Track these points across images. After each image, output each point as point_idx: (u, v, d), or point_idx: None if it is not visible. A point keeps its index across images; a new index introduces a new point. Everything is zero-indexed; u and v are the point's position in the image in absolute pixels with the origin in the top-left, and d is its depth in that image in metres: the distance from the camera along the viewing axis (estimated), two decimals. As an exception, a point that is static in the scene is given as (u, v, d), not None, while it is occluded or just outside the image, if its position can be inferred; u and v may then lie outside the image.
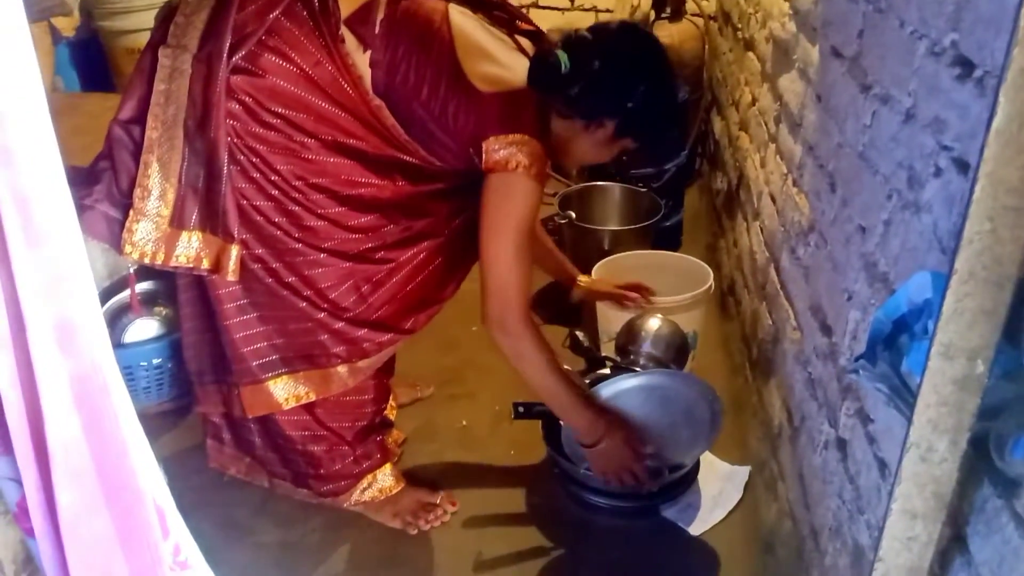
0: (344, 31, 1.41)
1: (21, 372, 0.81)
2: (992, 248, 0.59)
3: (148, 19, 3.38)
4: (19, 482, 0.91)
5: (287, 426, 1.61)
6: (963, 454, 0.66)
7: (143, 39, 3.40)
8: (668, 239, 2.73)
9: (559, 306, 2.58)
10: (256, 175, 1.41)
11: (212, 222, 1.39)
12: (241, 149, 1.39)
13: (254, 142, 1.39)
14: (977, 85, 0.79)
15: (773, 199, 1.80)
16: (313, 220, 1.45)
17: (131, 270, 1.83)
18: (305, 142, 1.42)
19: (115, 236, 1.39)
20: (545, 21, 3.48)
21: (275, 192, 1.42)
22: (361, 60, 1.42)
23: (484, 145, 1.39)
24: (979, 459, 0.70)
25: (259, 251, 1.45)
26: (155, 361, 1.86)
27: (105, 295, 1.93)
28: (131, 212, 1.37)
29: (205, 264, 1.40)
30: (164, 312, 1.98)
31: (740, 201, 2.25)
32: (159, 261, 1.38)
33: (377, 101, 1.42)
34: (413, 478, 1.78)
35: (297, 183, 1.43)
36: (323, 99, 1.41)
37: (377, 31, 1.42)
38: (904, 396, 0.73)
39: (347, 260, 1.49)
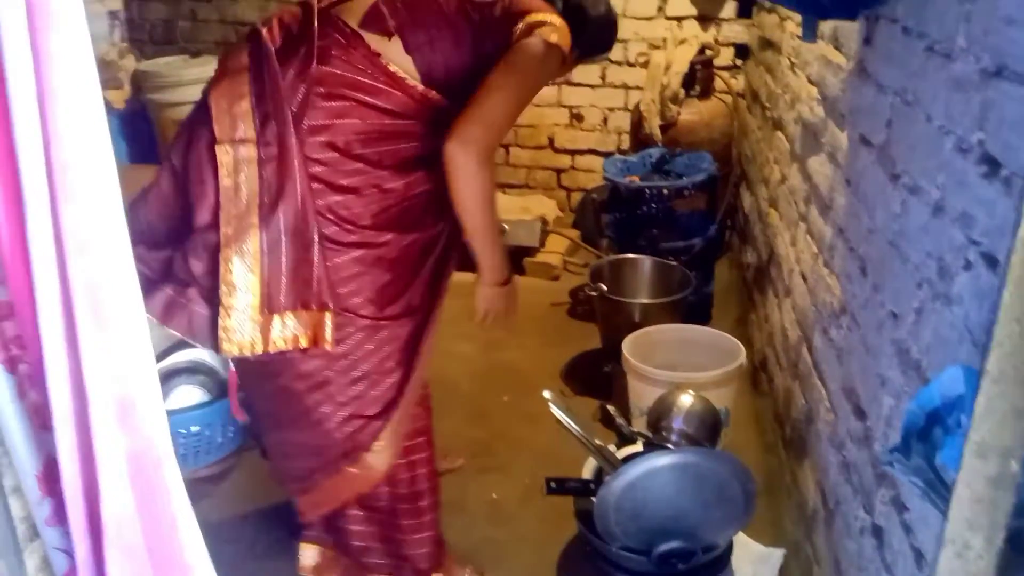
0: (366, 36, 1.45)
1: (80, 447, 0.84)
2: (1022, 349, 0.61)
3: (195, 92, 3.55)
4: (69, 554, 0.94)
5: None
6: (999, 551, 0.67)
7: (188, 111, 3.59)
8: (699, 312, 2.74)
9: (590, 378, 2.59)
10: (339, 232, 1.43)
11: (304, 297, 1.39)
12: (325, 212, 1.41)
13: (338, 195, 1.42)
14: (1004, 184, 0.81)
15: (804, 278, 1.82)
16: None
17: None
18: (382, 174, 1.45)
19: (206, 333, 1.40)
20: (577, 97, 3.58)
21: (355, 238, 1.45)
22: (396, 54, 1.45)
23: (518, 25, 1.48)
24: (1016, 555, 0.71)
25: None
26: (194, 429, 1.90)
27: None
28: (220, 310, 1.37)
29: (303, 342, 1.40)
30: (204, 379, 2.03)
31: (771, 277, 2.27)
32: (258, 350, 1.38)
33: (422, 88, 1.46)
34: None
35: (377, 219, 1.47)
36: (387, 116, 1.45)
37: (394, 21, 1.46)
38: (939, 489, 0.74)
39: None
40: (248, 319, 1.37)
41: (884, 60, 1.31)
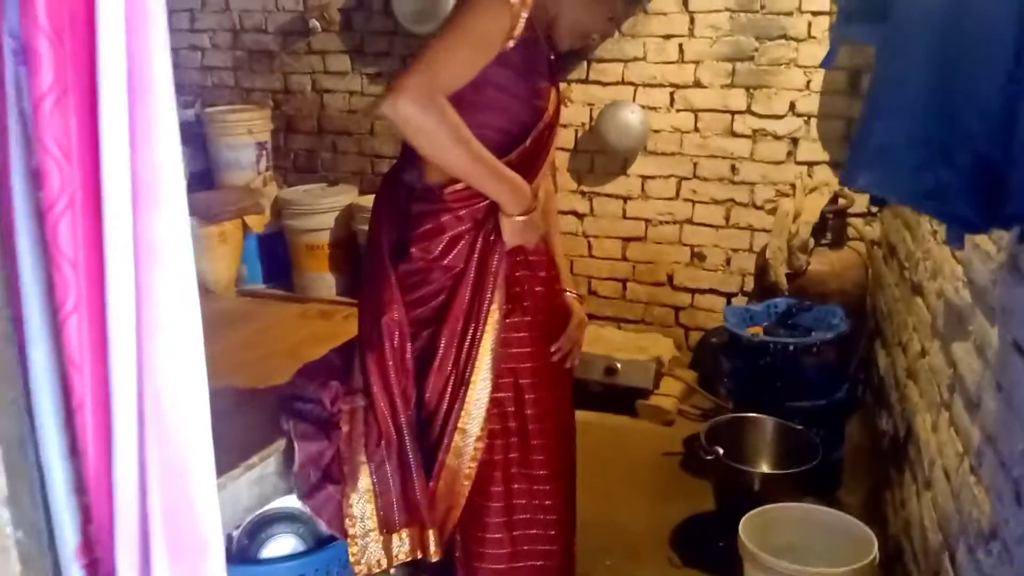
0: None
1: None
2: None
3: (328, 220, 3.74)
4: None
5: None
6: None
7: (323, 237, 3.75)
8: (826, 479, 2.53)
9: (703, 549, 2.41)
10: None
11: (413, 515, 1.61)
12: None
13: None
14: None
15: (947, 476, 1.63)
16: None
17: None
18: None
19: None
20: (700, 236, 3.50)
21: None
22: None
23: None
24: None
25: None
26: (288, 581, 1.86)
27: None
28: (348, 540, 1.61)
29: (419, 555, 1.63)
30: (302, 528, 2.00)
31: (909, 458, 2.06)
32: (385, 566, 1.63)
33: None
34: None
35: None
36: None
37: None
38: None
39: None
40: (372, 542, 1.61)
41: (1042, 265, 1.18)
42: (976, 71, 0.99)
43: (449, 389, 1.62)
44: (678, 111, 3.45)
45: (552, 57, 1.69)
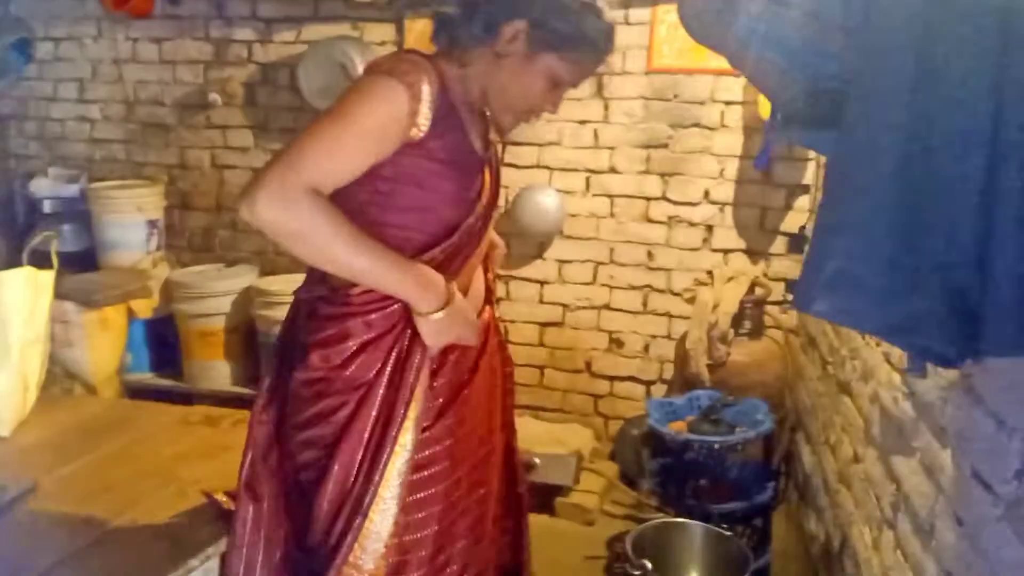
0: None
1: None
2: None
3: (223, 304, 3.47)
4: None
5: None
6: None
7: (217, 323, 3.47)
8: (755, 585, 2.40)
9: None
10: None
11: None
12: None
13: None
14: None
15: (896, 604, 1.51)
16: None
17: None
18: None
19: None
20: (618, 322, 3.41)
21: None
22: None
23: None
24: None
25: None
26: None
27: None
28: None
29: None
30: None
31: (845, 571, 1.95)
32: None
33: None
34: None
35: None
36: None
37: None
38: None
39: None
40: None
41: (1005, 391, 1.08)
42: (944, 188, 0.89)
43: (340, 521, 1.40)
44: (594, 196, 3.39)
45: (490, 136, 1.54)
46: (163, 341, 3.62)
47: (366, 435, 1.38)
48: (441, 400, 1.47)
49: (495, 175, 1.55)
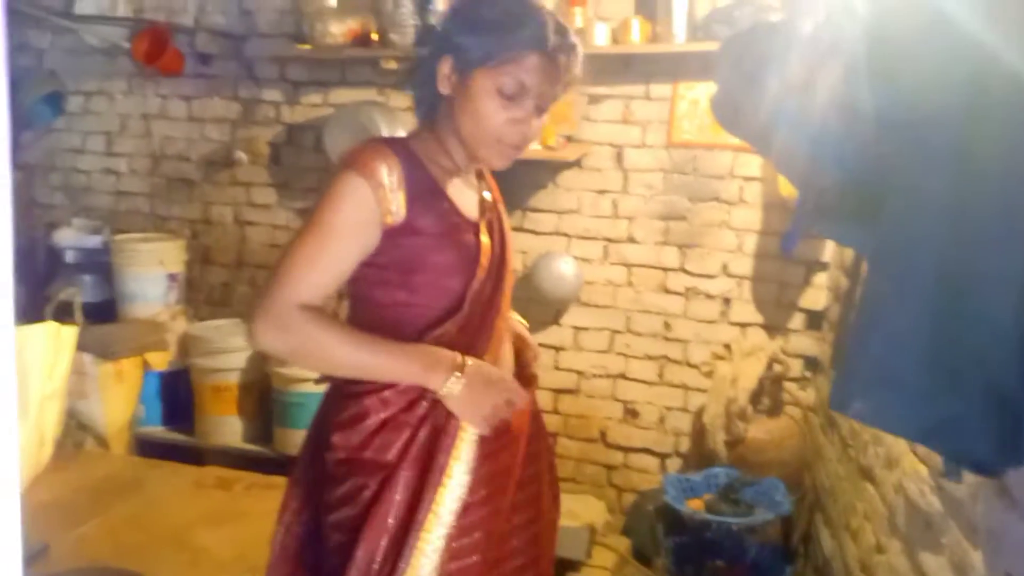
0: None
1: None
2: None
3: (239, 360, 3.47)
4: None
5: None
6: None
7: (232, 378, 3.47)
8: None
9: None
10: None
11: None
12: None
13: None
14: None
15: None
16: None
17: None
18: None
19: None
20: (633, 392, 3.39)
21: None
22: None
23: None
24: None
25: None
26: None
27: None
28: None
29: None
30: None
31: (868, 666, 1.89)
32: None
33: None
34: None
35: None
36: None
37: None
38: None
39: None
40: None
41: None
42: (985, 287, 0.89)
43: None
44: (612, 264, 3.40)
45: (488, 197, 1.52)
46: (176, 394, 3.61)
47: (389, 520, 1.35)
48: (484, 491, 1.42)
49: (499, 236, 1.51)
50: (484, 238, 1.46)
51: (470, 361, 1.38)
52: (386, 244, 1.35)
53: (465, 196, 1.47)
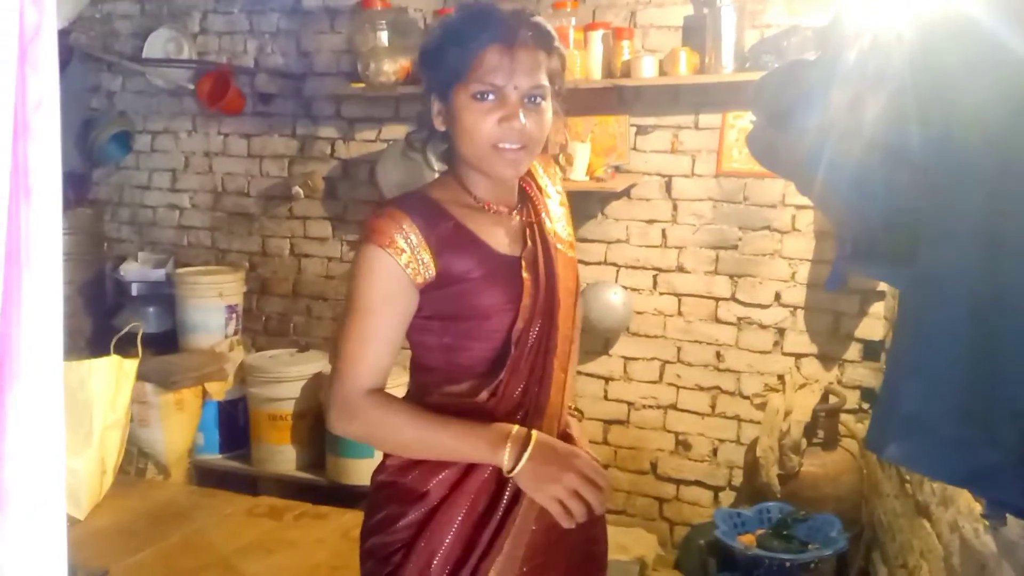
0: None
1: None
2: None
3: (294, 389, 3.55)
4: None
5: None
6: None
7: (287, 407, 3.55)
8: None
9: None
10: None
11: None
12: None
13: None
14: None
15: None
16: None
17: None
18: None
19: None
20: (684, 424, 3.35)
21: None
22: None
23: None
24: None
25: None
26: None
27: None
28: None
29: None
30: None
31: None
32: None
33: None
34: None
35: None
36: None
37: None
38: None
39: None
40: None
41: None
42: (1018, 336, 0.87)
43: None
44: (661, 294, 3.38)
45: (520, 217, 1.46)
46: (233, 423, 3.69)
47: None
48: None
49: (545, 269, 1.43)
50: (525, 272, 1.40)
51: (537, 435, 1.32)
52: (425, 300, 1.36)
53: (498, 233, 1.42)
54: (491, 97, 1.32)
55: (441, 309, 1.37)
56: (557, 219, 1.52)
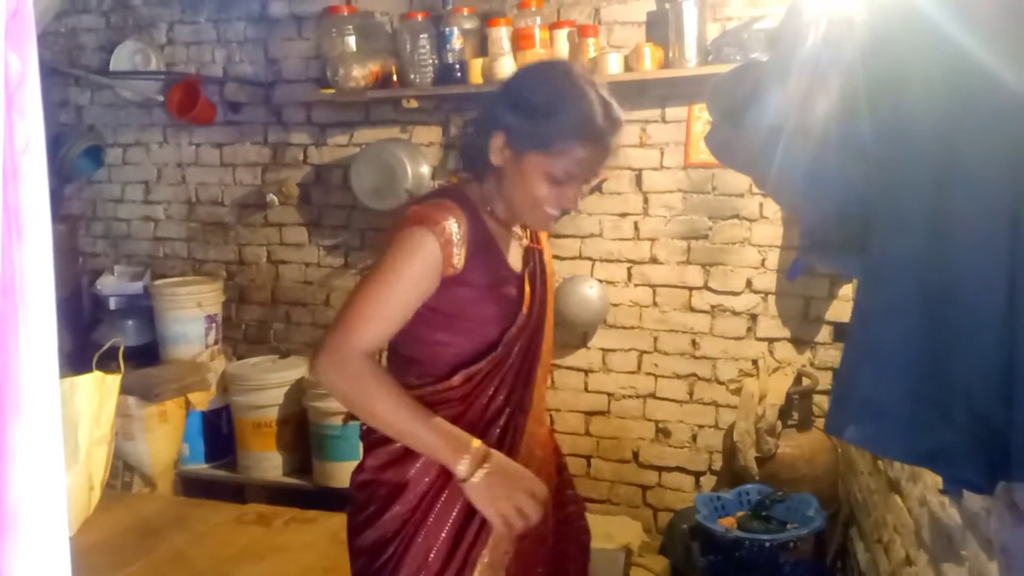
0: None
1: None
2: None
3: (277, 395, 3.57)
4: None
5: None
6: None
7: (271, 414, 3.56)
8: None
9: None
10: None
11: None
12: None
13: None
14: None
15: None
16: None
17: None
18: None
19: None
20: (664, 412, 3.41)
21: None
22: None
23: None
24: None
25: None
26: None
27: None
28: None
29: None
30: None
31: None
32: None
33: None
34: None
35: None
36: None
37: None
38: None
39: None
40: None
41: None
42: (965, 319, 0.93)
43: None
44: (636, 286, 3.44)
45: (527, 241, 1.59)
46: (217, 432, 3.71)
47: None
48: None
49: (540, 287, 1.59)
50: (527, 288, 1.55)
51: (497, 456, 1.41)
52: (440, 292, 1.44)
53: (511, 248, 1.56)
54: (564, 185, 1.42)
55: (447, 305, 1.44)
56: (546, 246, 1.67)
